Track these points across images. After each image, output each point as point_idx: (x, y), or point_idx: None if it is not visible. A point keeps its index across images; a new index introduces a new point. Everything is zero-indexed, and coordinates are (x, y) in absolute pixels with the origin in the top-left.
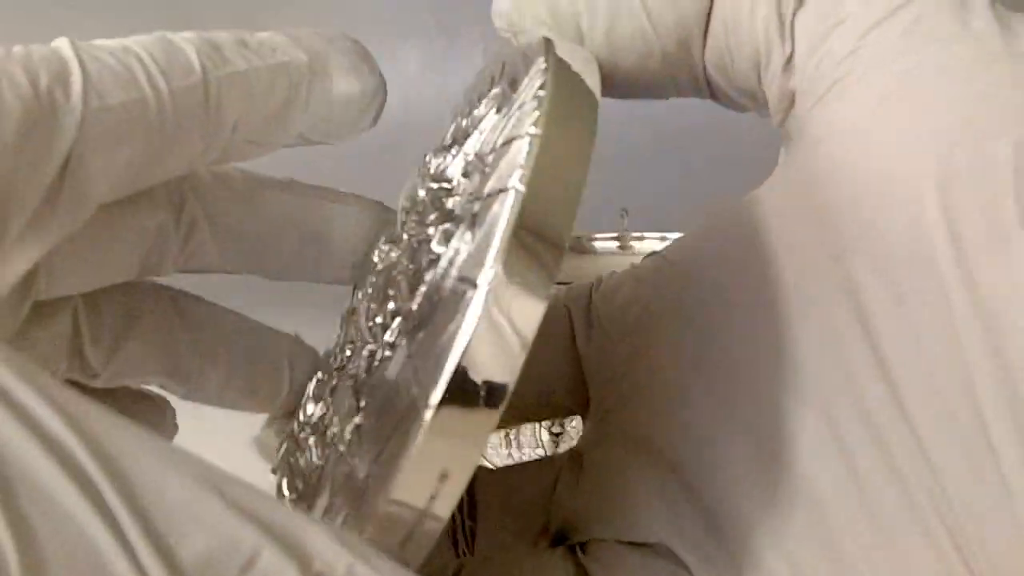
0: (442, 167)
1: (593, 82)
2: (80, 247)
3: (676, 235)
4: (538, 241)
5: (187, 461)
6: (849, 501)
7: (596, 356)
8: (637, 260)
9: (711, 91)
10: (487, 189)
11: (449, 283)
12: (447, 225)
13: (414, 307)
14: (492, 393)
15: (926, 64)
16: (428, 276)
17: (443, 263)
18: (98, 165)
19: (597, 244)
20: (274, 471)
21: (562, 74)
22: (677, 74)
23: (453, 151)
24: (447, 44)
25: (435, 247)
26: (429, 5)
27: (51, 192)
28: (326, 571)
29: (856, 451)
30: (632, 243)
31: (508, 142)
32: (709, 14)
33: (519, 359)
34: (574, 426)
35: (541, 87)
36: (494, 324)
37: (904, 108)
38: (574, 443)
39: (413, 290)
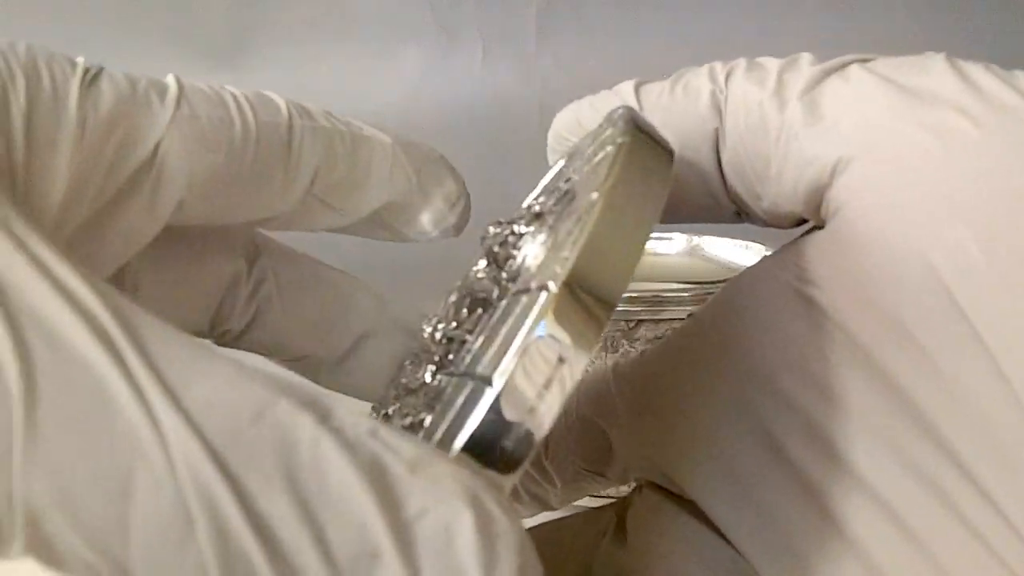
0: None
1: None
2: (164, 284)
3: (675, 235)
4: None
5: (206, 343)
6: (908, 560)
7: (628, 425)
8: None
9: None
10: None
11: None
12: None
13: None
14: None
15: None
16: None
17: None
18: (181, 167)
19: None
20: None
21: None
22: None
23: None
24: (447, 44)
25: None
26: (429, 5)
27: (134, 179)
28: (346, 428)
29: (910, 510)
30: None
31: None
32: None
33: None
34: None
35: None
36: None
37: (906, 176)
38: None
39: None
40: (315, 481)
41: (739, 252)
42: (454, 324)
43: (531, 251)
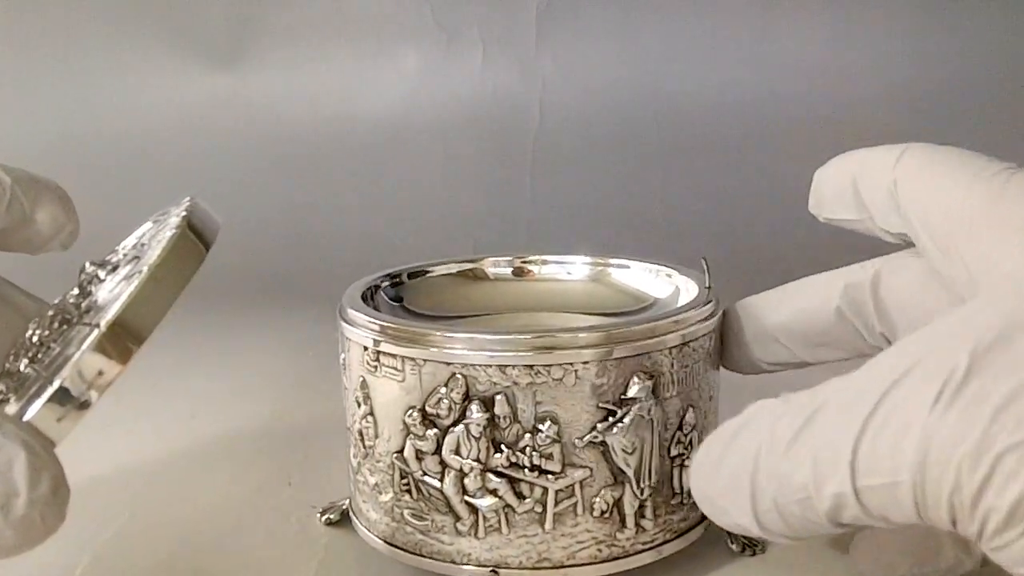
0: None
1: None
2: None
3: (577, 259)
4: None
5: None
6: None
7: None
8: (536, 287)
9: None
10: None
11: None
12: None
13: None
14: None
15: None
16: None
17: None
18: None
19: (490, 271)
20: None
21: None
22: None
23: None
24: (447, 44)
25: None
26: (429, 5)
27: None
28: None
29: None
30: (532, 268)
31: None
32: None
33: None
34: None
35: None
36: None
37: None
38: None
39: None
40: None
41: (649, 279)
42: (47, 332)
43: (101, 294)
